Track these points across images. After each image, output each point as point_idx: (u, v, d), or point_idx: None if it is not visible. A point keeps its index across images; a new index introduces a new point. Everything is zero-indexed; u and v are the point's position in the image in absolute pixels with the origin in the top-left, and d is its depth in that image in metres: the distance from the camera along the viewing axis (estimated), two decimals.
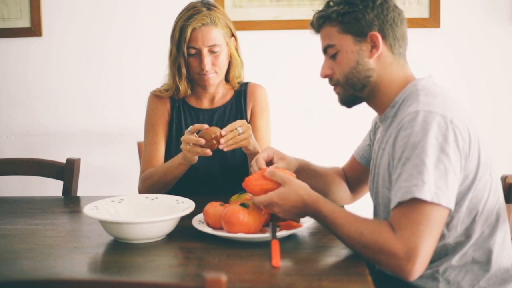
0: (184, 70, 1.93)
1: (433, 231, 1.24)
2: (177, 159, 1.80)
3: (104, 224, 1.45)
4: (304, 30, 2.64)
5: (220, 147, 1.68)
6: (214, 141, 1.69)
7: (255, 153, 1.77)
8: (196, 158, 1.76)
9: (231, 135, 1.69)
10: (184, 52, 1.89)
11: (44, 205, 1.88)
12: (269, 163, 1.63)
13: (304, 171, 1.67)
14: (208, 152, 1.69)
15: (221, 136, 1.68)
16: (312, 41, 1.65)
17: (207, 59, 1.88)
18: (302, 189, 1.37)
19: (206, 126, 1.71)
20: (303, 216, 1.41)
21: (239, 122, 1.73)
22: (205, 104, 2.04)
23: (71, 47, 2.78)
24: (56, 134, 2.82)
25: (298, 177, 1.46)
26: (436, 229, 1.24)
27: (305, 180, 1.45)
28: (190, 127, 1.73)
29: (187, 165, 1.80)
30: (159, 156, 1.97)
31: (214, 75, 1.93)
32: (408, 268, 1.22)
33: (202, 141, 1.68)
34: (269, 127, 2.05)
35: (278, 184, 1.40)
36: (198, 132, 1.73)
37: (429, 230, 1.23)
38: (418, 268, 1.23)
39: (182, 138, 1.73)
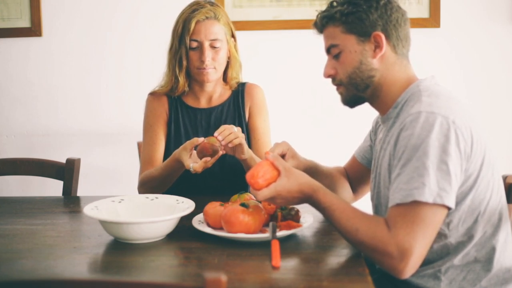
0: (185, 62, 1.94)
1: (428, 232, 1.24)
2: (176, 165, 1.79)
3: (104, 224, 1.45)
4: (304, 30, 2.68)
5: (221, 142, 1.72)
6: (217, 145, 1.72)
7: (249, 161, 1.80)
8: None
9: (227, 132, 1.73)
10: (187, 43, 1.91)
11: (44, 205, 1.88)
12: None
13: (312, 174, 1.65)
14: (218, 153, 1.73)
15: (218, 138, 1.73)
16: (312, 41, 1.65)
17: (208, 52, 1.91)
18: (302, 179, 1.36)
19: (201, 139, 1.74)
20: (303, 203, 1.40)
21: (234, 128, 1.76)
22: (203, 104, 2.04)
23: (71, 47, 2.77)
24: (56, 134, 2.82)
25: None
26: (431, 230, 1.25)
27: None
28: (192, 167, 1.72)
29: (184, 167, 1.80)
30: (158, 156, 1.98)
31: (213, 70, 1.94)
32: (400, 268, 1.24)
33: (210, 162, 1.73)
34: (268, 127, 2.05)
35: (278, 173, 1.37)
36: (195, 147, 1.75)
37: (424, 231, 1.24)
38: (410, 268, 1.24)
39: (196, 171, 1.73)
